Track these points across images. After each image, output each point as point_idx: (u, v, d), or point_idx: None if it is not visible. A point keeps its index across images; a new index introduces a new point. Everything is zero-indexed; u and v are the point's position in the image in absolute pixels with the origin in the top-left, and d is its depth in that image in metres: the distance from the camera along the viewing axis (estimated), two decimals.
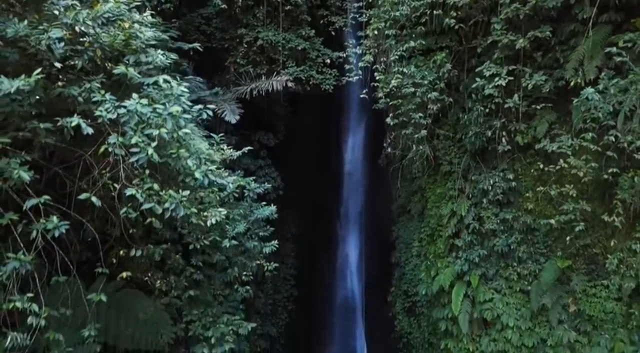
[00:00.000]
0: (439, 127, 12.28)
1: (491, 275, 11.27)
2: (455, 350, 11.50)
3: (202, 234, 6.44)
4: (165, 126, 4.69)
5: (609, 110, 8.09)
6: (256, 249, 8.35)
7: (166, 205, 4.78)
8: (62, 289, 4.60)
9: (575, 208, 8.96)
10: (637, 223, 8.72)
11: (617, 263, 8.58)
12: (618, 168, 8.56)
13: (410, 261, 15.05)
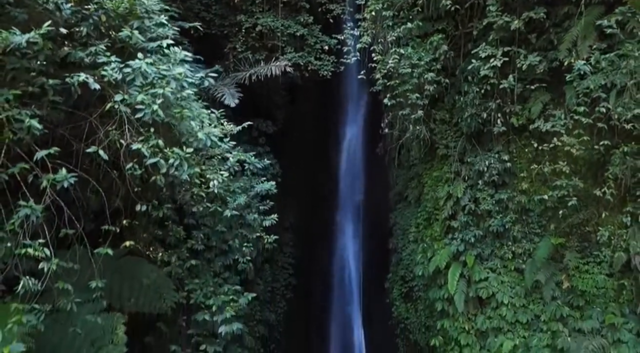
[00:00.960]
0: (436, 112, 12.49)
1: (486, 255, 11.45)
2: (452, 329, 11.68)
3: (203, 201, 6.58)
4: (169, 86, 4.85)
5: (600, 84, 8.28)
6: (256, 222, 8.52)
7: (170, 161, 4.95)
8: (71, 242, 4.75)
9: (568, 185, 9.15)
10: (628, 198, 8.92)
11: (608, 235, 8.79)
12: (610, 142, 8.73)
13: (407, 246, 15.20)
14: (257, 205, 8.90)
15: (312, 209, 20.96)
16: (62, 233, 4.69)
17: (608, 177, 8.80)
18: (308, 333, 20.40)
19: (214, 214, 7.27)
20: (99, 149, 4.60)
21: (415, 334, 15.31)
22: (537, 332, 10.00)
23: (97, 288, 4.96)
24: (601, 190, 8.72)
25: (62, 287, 4.58)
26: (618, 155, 8.63)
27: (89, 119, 5.09)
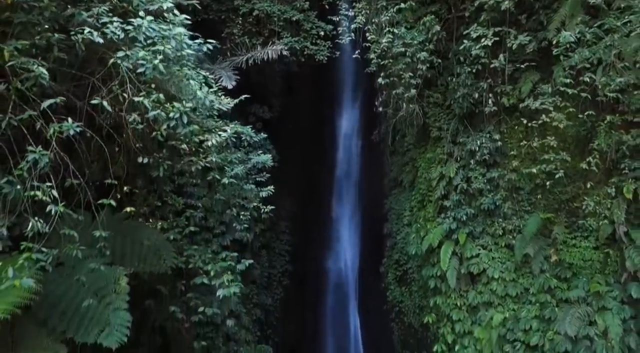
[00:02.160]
0: (429, 95, 12.77)
1: (478, 233, 11.71)
2: (444, 306, 11.96)
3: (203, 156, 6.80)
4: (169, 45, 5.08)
5: (586, 56, 8.55)
6: (253, 192, 8.76)
7: (171, 114, 5.18)
8: (76, 192, 4.97)
9: (556, 159, 9.42)
10: (613, 170, 9.20)
11: (593, 205, 9.06)
12: (594, 113, 9.00)
13: (402, 230, 15.47)
14: (254, 177, 9.15)
15: (309, 197, 21.19)
16: (68, 183, 4.90)
17: (594, 148, 9.07)
18: (304, 319, 20.62)
19: (212, 183, 7.51)
20: (102, 101, 4.82)
21: (409, 316, 15.59)
22: (526, 304, 10.27)
23: (101, 238, 5.17)
24: (588, 165, 8.99)
25: (68, 233, 4.80)
26: (603, 127, 8.91)
27: (92, 79, 5.30)
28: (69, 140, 5.11)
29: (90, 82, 5.27)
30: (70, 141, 5.07)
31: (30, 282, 4.46)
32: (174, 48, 5.16)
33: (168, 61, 5.22)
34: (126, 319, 5.33)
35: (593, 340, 8.84)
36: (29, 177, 4.43)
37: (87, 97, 5.15)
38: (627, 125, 9.04)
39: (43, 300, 5.42)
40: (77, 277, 5.32)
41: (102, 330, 5.19)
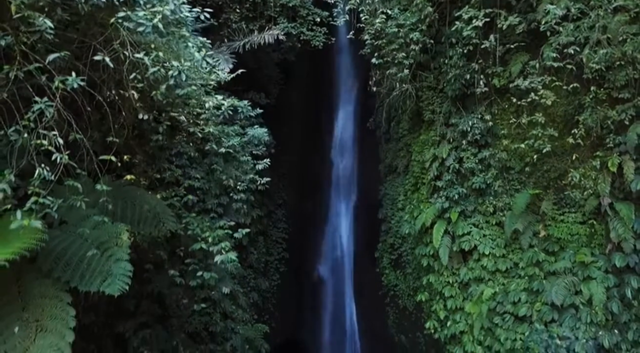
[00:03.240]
0: (422, 80, 13.04)
1: (469, 212, 11.99)
2: (436, 283, 12.25)
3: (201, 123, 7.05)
4: (167, 7, 5.32)
5: (571, 29, 8.81)
6: (249, 164, 9.00)
7: (170, 72, 5.43)
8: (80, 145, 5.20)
9: (544, 135, 9.69)
10: (599, 146, 9.48)
11: (579, 177, 9.33)
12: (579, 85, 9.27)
13: (396, 215, 15.73)
14: (250, 150, 9.40)
15: (305, 186, 21.45)
16: (72, 137, 5.14)
17: (579, 121, 9.35)
18: (301, 306, 20.86)
19: (209, 153, 7.73)
20: (105, 57, 5.05)
21: (404, 299, 15.87)
22: (516, 278, 10.55)
23: (102, 192, 5.41)
24: (574, 138, 9.26)
25: (72, 184, 5.03)
26: (589, 102, 9.18)
27: (93, 42, 5.53)
28: (73, 101, 5.35)
29: (92, 45, 5.49)
30: (74, 101, 5.30)
31: (38, 224, 4.70)
32: (173, 10, 5.40)
33: (167, 24, 5.45)
34: (127, 269, 5.57)
35: (578, 308, 9.12)
36: (36, 129, 4.66)
37: (89, 57, 5.37)
38: (613, 101, 9.32)
39: (48, 253, 5.67)
40: (81, 229, 5.56)
41: (104, 280, 5.43)
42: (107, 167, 6.01)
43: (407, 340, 16.24)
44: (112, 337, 8.83)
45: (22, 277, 5.62)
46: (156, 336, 9.05)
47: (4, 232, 5.17)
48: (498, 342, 10.11)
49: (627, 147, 9.07)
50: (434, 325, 12.08)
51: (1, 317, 5.24)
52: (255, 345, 13.24)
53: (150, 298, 9.38)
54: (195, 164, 8.54)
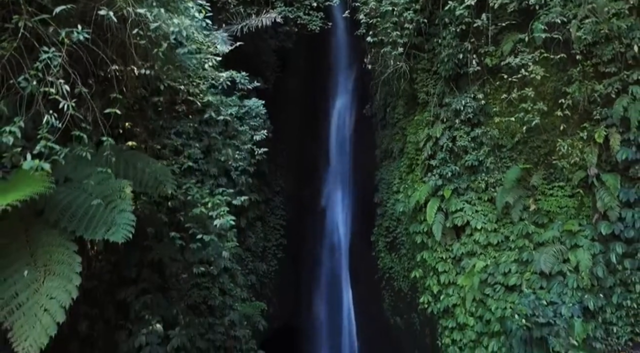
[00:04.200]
0: (417, 62, 13.34)
1: (462, 190, 12.28)
2: (430, 259, 12.53)
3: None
4: None
5: (561, 9, 9.11)
6: (247, 135, 9.25)
7: (171, 28, 5.68)
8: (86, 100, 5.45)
9: (533, 109, 9.99)
10: (587, 120, 9.78)
11: (567, 147, 9.62)
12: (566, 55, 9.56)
13: (391, 198, 16.01)
14: (248, 121, 9.65)
15: (302, 173, 21.71)
16: (77, 90, 5.38)
17: (566, 92, 9.65)
18: (298, 292, 21.10)
19: (208, 121, 7.98)
20: (109, 12, 5.30)
21: (399, 281, 16.15)
22: (506, 250, 10.85)
23: (107, 146, 5.66)
24: (562, 110, 9.56)
25: (77, 136, 5.29)
26: (576, 75, 9.48)
27: (95, 4, 5.77)
28: (78, 58, 5.60)
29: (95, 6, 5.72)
30: (79, 58, 5.55)
31: (47, 166, 4.95)
32: None
33: None
34: (131, 219, 5.82)
35: (565, 275, 9.41)
36: (44, 79, 4.91)
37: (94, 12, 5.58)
38: (600, 76, 9.62)
39: (54, 206, 5.93)
40: (86, 182, 5.82)
41: (108, 229, 5.69)
42: (109, 134, 6.28)
43: (402, 321, 16.53)
44: (114, 303, 9.08)
45: (30, 228, 5.88)
46: (157, 303, 9.31)
47: (16, 182, 5.45)
48: (489, 312, 10.41)
49: (613, 120, 9.37)
50: (427, 299, 12.37)
51: (11, 262, 5.49)
52: (253, 322, 13.50)
53: (150, 268, 9.63)
54: (195, 135, 8.78)
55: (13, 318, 5.07)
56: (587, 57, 9.50)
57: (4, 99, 5.07)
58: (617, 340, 8.86)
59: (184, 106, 8.05)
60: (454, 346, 11.38)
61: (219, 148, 8.96)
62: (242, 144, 9.26)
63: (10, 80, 5.04)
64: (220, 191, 8.22)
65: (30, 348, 4.84)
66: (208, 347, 11.67)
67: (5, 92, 5.10)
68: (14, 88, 5.07)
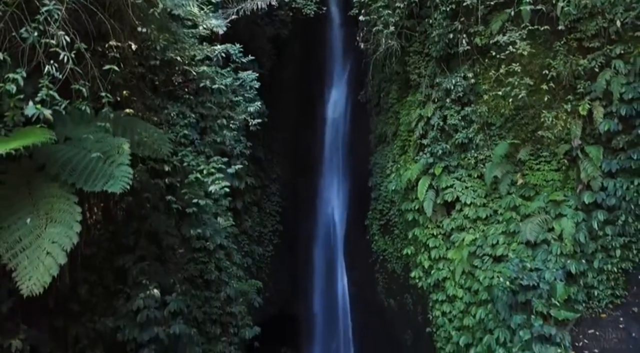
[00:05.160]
0: (409, 39, 13.65)
1: (453, 168, 12.57)
2: (421, 235, 12.82)
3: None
4: None
5: None
6: (241, 105, 9.52)
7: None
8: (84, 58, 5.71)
9: (520, 84, 10.29)
10: (571, 92, 10.09)
11: (551, 118, 9.93)
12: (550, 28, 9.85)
13: (385, 181, 16.27)
14: (242, 93, 9.91)
15: (298, 160, 21.96)
16: (76, 47, 5.64)
17: (551, 64, 9.95)
18: (294, 279, 21.34)
19: (203, 90, 8.24)
20: None
21: (392, 263, 16.43)
22: (494, 223, 11.14)
23: (105, 103, 5.93)
24: (547, 83, 9.87)
25: (78, 88, 5.54)
26: (560, 48, 9.78)
27: None
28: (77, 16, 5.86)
29: None
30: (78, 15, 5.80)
31: (48, 112, 5.22)
32: None
33: None
34: (128, 172, 6.08)
35: (550, 243, 9.71)
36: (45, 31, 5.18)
37: None
38: (584, 51, 9.93)
39: (55, 161, 6.20)
40: (85, 136, 6.09)
41: (106, 182, 5.95)
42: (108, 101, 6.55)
43: (396, 302, 16.80)
44: (113, 270, 9.36)
45: (32, 181, 6.15)
46: (154, 271, 9.59)
47: (17, 135, 5.72)
48: (477, 282, 10.70)
49: (597, 93, 9.67)
50: (418, 274, 12.66)
51: (15, 211, 5.76)
52: (248, 299, 13.77)
53: (147, 238, 9.92)
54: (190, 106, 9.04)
55: (17, 260, 5.34)
56: (571, 32, 9.80)
57: (7, 51, 5.33)
58: (598, 303, 9.16)
59: (180, 78, 8.31)
60: (444, 318, 11.69)
61: (215, 117, 9.20)
62: (236, 114, 9.52)
63: (12, 33, 5.30)
64: (215, 159, 8.48)
65: (34, 286, 5.12)
66: (204, 320, 11.98)
67: (7, 44, 5.35)
68: (15, 41, 5.33)
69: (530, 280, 8.99)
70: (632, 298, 8.86)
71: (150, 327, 8.63)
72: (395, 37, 11.73)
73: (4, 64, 5.15)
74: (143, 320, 8.63)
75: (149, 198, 8.68)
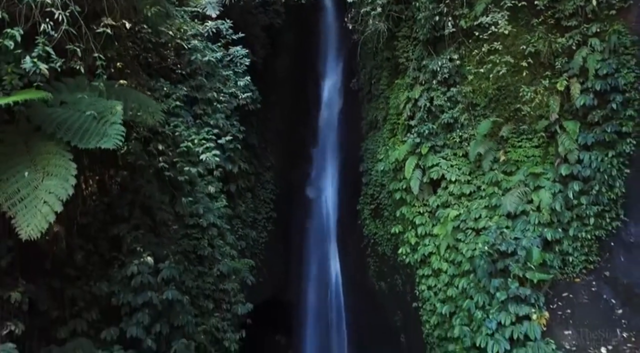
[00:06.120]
0: (398, 30, 14.04)
1: (439, 147, 12.95)
2: (408, 213, 13.21)
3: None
4: None
5: None
6: (232, 79, 9.86)
7: None
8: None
9: (501, 61, 10.68)
10: (550, 69, 10.48)
11: (530, 93, 10.32)
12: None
13: (375, 166, 16.63)
14: (233, 68, 10.26)
15: (292, 151, 22.29)
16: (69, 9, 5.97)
17: (530, 41, 10.34)
18: (287, 266, 21.64)
19: (194, 63, 8.57)
20: None
21: (382, 246, 16.79)
22: (478, 199, 11.53)
23: (100, 64, 6.27)
24: (526, 60, 10.27)
25: (72, 49, 5.88)
26: (539, 29, 10.17)
27: None
28: None
29: None
30: None
31: (44, 67, 5.57)
32: None
33: None
34: (121, 130, 6.42)
35: (529, 213, 10.11)
36: None
37: None
38: (562, 29, 10.32)
39: (51, 121, 6.55)
40: (80, 96, 6.44)
41: (100, 139, 6.30)
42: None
43: (386, 285, 17.16)
44: (108, 239, 9.71)
45: (29, 140, 6.50)
46: (148, 241, 9.94)
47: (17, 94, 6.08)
48: (461, 254, 11.08)
49: (574, 70, 10.06)
50: (405, 250, 13.03)
51: (13, 165, 6.12)
52: (241, 277, 14.12)
53: (142, 209, 10.27)
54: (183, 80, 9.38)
55: (16, 209, 5.69)
56: (550, 11, 10.19)
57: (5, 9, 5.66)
58: (572, 268, 9.55)
59: (173, 53, 8.66)
60: (429, 291, 12.06)
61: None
62: (226, 88, 9.85)
63: None
64: (206, 130, 8.83)
65: (32, 231, 5.47)
66: (197, 294, 12.33)
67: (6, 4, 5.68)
68: (13, 0, 5.67)
69: (508, 246, 9.38)
70: (605, 263, 9.25)
71: (144, 292, 8.98)
72: (383, 20, 12.10)
73: (2, 22, 5.49)
74: (137, 285, 8.98)
75: (143, 167, 9.02)
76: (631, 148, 9.39)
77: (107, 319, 8.81)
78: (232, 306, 13.21)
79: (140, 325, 8.81)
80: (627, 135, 9.45)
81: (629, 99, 9.47)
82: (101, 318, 8.71)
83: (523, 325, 8.75)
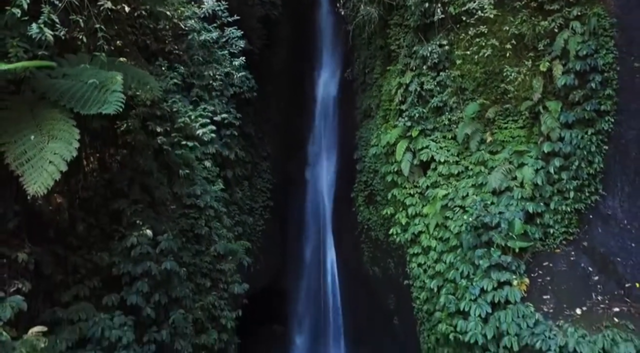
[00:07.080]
0: (391, 18, 14.44)
1: (429, 131, 13.37)
2: (400, 195, 13.62)
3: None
4: None
5: None
6: (227, 59, 10.25)
7: None
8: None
9: (487, 44, 11.10)
10: (533, 51, 10.90)
11: (514, 74, 10.74)
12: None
13: (369, 152, 17.03)
14: (228, 49, 10.64)
15: (289, 141, 22.65)
16: None
17: (513, 24, 10.76)
18: (284, 254, 21.99)
19: (190, 43, 8.97)
20: None
21: (376, 231, 17.18)
22: (465, 178, 11.95)
23: (102, 36, 6.67)
24: (510, 43, 10.68)
25: (75, 20, 6.27)
26: (523, 12, 10.60)
27: None
28: None
29: None
30: None
31: (50, 34, 5.96)
32: None
33: None
34: (121, 97, 6.82)
35: (512, 189, 10.53)
36: None
37: None
38: (545, 13, 10.75)
39: (55, 90, 6.96)
40: (83, 66, 6.85)
41: (101, 107, 6.70)
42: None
43: (380, 269, 17.56)
44: (109, 214, 10.08)
45: (34, 107, 6.90)
46: (147, 215, 10.32)
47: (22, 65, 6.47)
48: (449, 231, 11.50)
49: (556, 52, 10.48)
50: (396, 231, 13.44)
51: (20, 130, 6.52)
52: (238, 258, 14.50)
53: (141, 186, 10.66)
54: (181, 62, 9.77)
55: (23, 168, 6.09)
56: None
57: None
58: (553, 240, 9.97)
59: (170, 33, 9.05)
60: (419, 269, 12.47)
61: (203, 75, 9.86)
62: (221, 67, 10.24)
63: None
64: (202, 108, 9.22)
65: (38, 188, 5.86)
66: (195, 271, 12.71)
67: None
68: None
69: (492, 218, 9.80)
70: (583, 234, 9.67)
71: (144, 262, 9.36)
72: (374, 5, 12.51)
73: None
74: (137, 255, 9.37)
75: (142, 144, 9.40)
76: (609, 125, 9.81)
77: (108, 287, 9.19)
78: (229, 286, 13.59)
79: (139, 293, 9.19)
80: (605, 113, 9.88)
81: (608, 78, 9.89)
82: (102, 286, 9.09)
83: (504, 290, 9.17)
